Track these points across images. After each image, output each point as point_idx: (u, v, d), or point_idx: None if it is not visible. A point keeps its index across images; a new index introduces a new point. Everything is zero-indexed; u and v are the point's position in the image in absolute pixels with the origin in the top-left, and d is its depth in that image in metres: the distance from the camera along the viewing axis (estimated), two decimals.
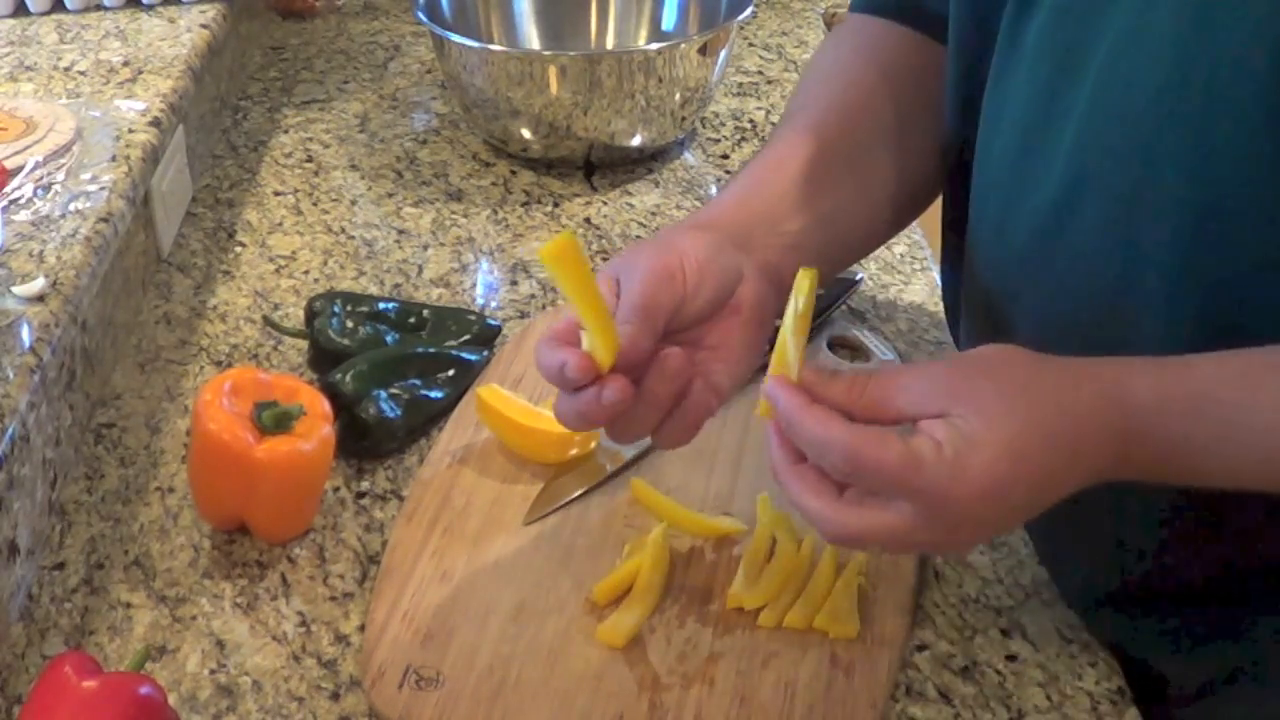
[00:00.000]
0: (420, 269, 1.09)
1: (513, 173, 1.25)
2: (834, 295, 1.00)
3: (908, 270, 1.07)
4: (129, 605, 0.77)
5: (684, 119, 1.24)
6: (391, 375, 0.89)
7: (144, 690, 0.63)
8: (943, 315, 1.02)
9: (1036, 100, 0.71)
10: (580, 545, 0.79)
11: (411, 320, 0.97)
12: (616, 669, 0.71)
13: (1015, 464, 0.60)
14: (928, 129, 0.83)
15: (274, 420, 0.77)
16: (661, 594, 0.75)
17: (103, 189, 0.96)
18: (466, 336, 0.96)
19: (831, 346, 0.96)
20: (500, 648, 0.72)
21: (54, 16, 1.27)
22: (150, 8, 1.28)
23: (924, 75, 0.84)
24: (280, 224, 1.17)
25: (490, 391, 0.86)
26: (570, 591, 0.76)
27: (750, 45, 1.53)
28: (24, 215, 0.92)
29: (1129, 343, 0.68)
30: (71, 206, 0.93)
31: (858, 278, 1.04)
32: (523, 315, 1.03)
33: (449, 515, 0.81)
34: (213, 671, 0.73)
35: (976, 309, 0.81)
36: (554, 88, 1.17)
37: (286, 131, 1.34)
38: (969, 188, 0.79)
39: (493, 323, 0.99)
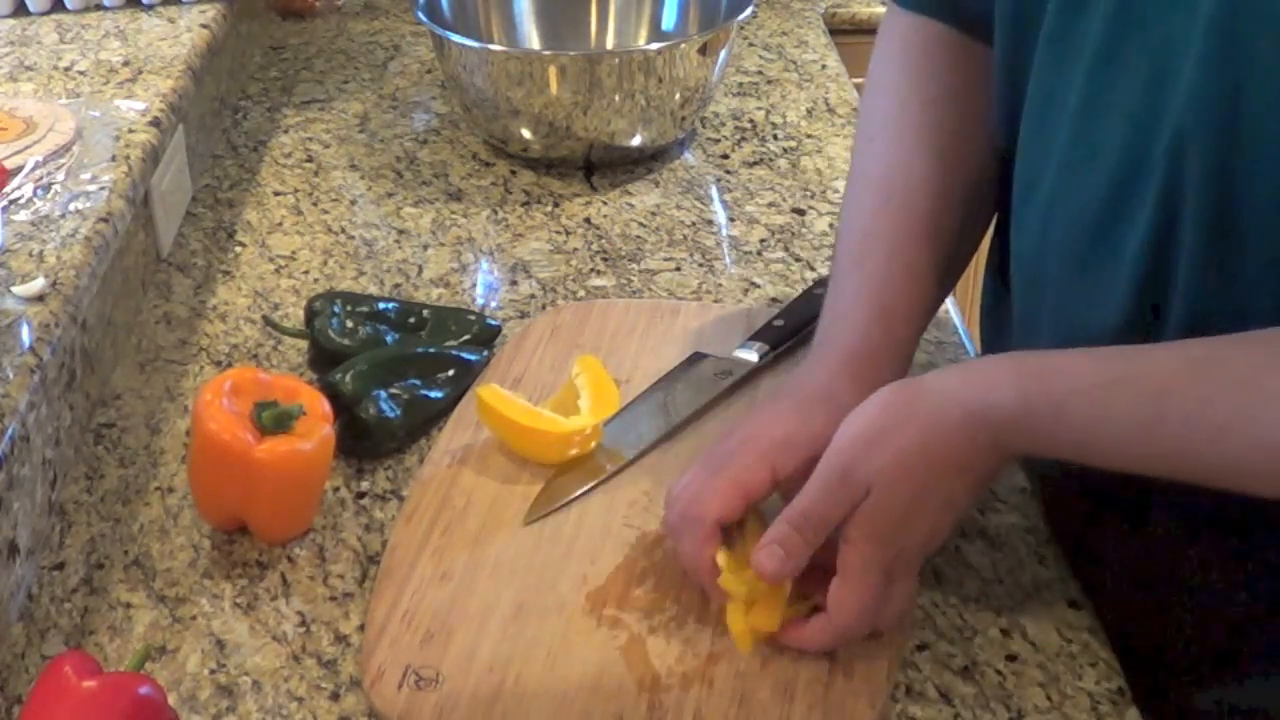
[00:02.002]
0: (420, 269, 1.09)
1: (513, 173, 1.25)
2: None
3: None
4: (129, 605, 0.77)
5: (684, 119, 1.24)
6: (391, 375, 0.89)
7: (144, 690, 0.63)
8: (942, 315, 1.02)
9: (1086, 95, 0.70)
10: (580, 545, 0.79)
11: (411, 320, 0.97)
12: (616, 669, 0.71)
13: (865, 410, 0.68)
14: (979, 148, 0.84)
15: (274, 420, 0.77)
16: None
17: (103, 189, 0.96)
18: (466, 336, 0.96)
19: None
20: (500, 648, 0.72)
21: (54, 16, 1.27)
22: (150, 8, 1.28)
23: (969, 91, 0.84)
24: (280, 224, 1.17)
25: (490, 391, 0.86)
26: (570, 591, 0.76)
27: (750, 45, 1.53)
28: (24, 215, 0.92)
29: None
30: (71, 206, 0.93)
31: None
32: (523, 315, 1.03)
33: (449, 515, 0.81)
34: (213, 671, 0.73)
35: (1012, 313, 0.82)
36: (554, 87, 1.17)
37: (286, 131, 1.34)
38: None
39: (493, 323, 0.99)
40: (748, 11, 1.23)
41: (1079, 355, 0.66)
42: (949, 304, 1.04)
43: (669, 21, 1.36)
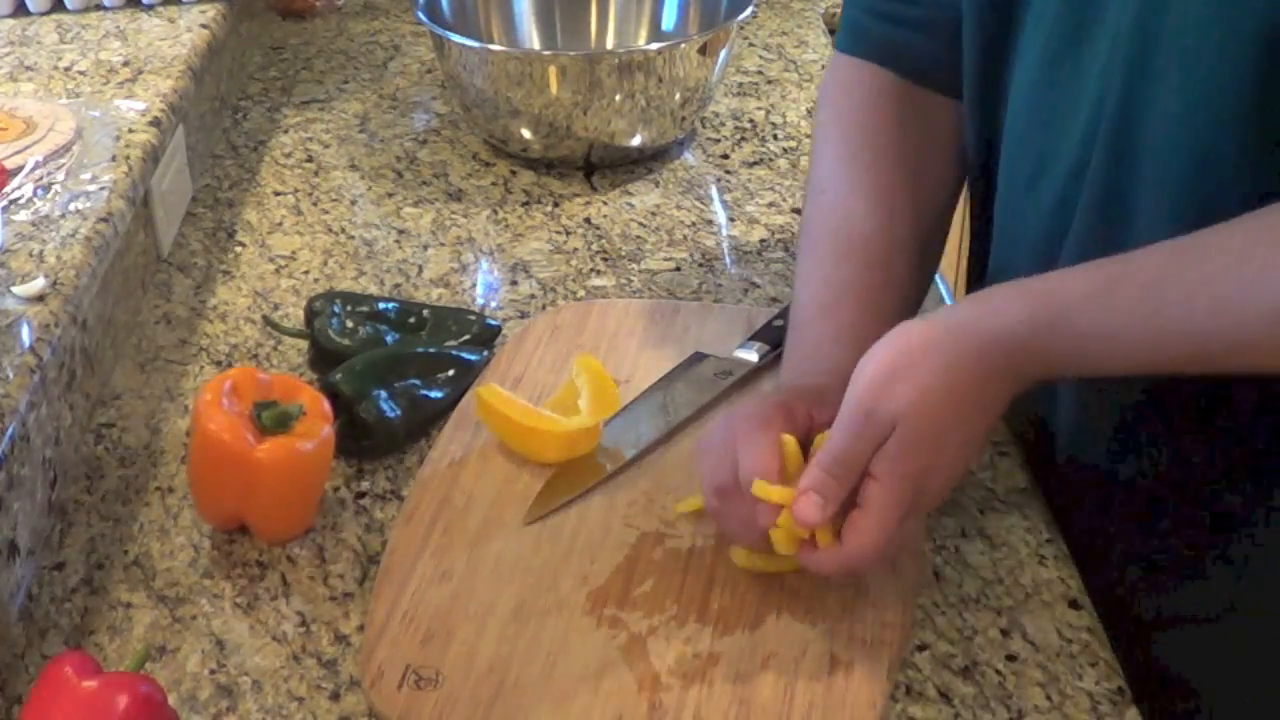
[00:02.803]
0: (420, 269, 1.09)
1: (513, 173, 1.25)
2: None
3: None
4: (129, 605, 0.77)
5: (683, 118, 1.24)
6: (391, 375, 0.89)
7: (144, 690, 0.63)
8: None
9: (1048, 71, 0.74)
10: (580, 545, 0.79)
11: (411, 320, 0.97)
12: (616, 669, 0.71)
13: (882, 348, 0.69)
14: (929, 190, 0.87)
15: (274, 420, 0.77)
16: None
17: (103, 189, 0.96)
18: (466, 336, 0.96)
19: None
20: (500, 648, 0.72)
21: (54, 16, 1.27)
22: (150, 8, 1.28)
23: (917, 138, 0.87)
24: (280, 224, 1.17)
25: (490, 391, 0.86)
26: (570, 591, 0.76)
27: (750, 45, 1.53)
28: (24, 215, 0.92)
29: None
30: (71, 206, 0.93)
31: None
32: (523, 315, 1.03)
33: (448, 515, 0.81)
34: (213, 671, 0.73)
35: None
36: (554, 87, 1.17)
37: (286, 131, 1.34)
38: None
39: (493, 323, 0.99)
40: (748, 11, 1.23)
41: (1074, 270, 0.69)
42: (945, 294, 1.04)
43: (669, 22, 1.36)
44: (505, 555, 0.78)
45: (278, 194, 1.22)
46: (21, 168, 0.97)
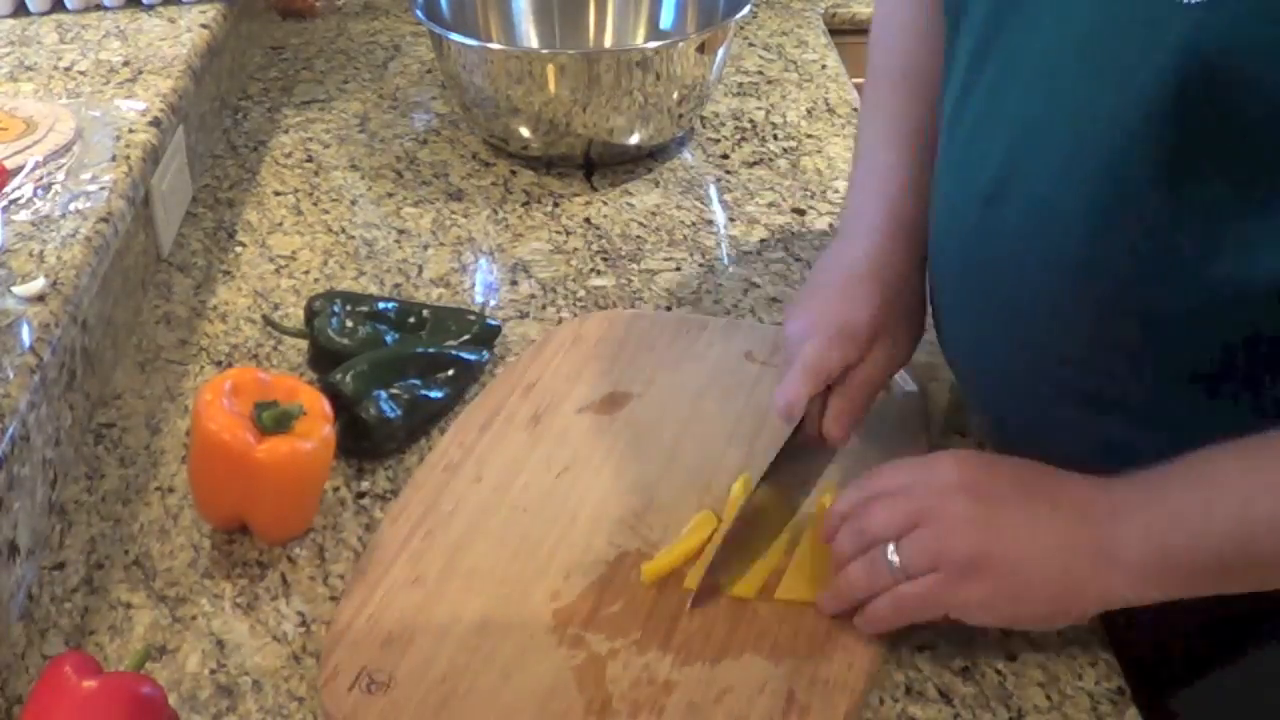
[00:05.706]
0: (420, 269, 1.09)
1: (513, 172, 1.25)
2: None
3: None
4: (129, 605, 0.77)
5: (681, 116, 1.24)
6: (391, 375, 0.89)
7: (144, 690, 0.63)
8: None
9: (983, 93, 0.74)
10: (559, 560, 0.78)
11: (411, 320, 0.97)
12: (567, 689, 0.69)
13: (985, 461, 0.73)
14: None
15: (274, 420, 0.77)
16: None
17: (103, 189, 0.96)
18: (466, 336, 0.96)
19: None
20: (457, 658, 0.71)
21: (54, 16, 1.27)
22: (150, 8, 1.28)
23: None
24: (280, 224, 1.17)
25: (652, 570, 0.78)
26: (538, 607, 0.74)
27: (750, 45, 1.53)
28: (24, 215, 0.92)
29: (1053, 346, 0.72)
30: (71, 206, 0.93)
31: None
32: (523, 315, 1.03)
33: (433, 519, 0.81)
34: (213, 671, 0.73)
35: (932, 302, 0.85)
36: (552, 85, 1.17)
37: (286, 131, 1.34)
38: None
39: (493, 323, 0.99)
40: (744, 10, 1.23)
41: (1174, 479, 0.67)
42: None
43: (667, 20, 1.36)
44: (482, 564, 0.77)
45: (278, 194, 1.22)
46: (21, 168, 0.97)
